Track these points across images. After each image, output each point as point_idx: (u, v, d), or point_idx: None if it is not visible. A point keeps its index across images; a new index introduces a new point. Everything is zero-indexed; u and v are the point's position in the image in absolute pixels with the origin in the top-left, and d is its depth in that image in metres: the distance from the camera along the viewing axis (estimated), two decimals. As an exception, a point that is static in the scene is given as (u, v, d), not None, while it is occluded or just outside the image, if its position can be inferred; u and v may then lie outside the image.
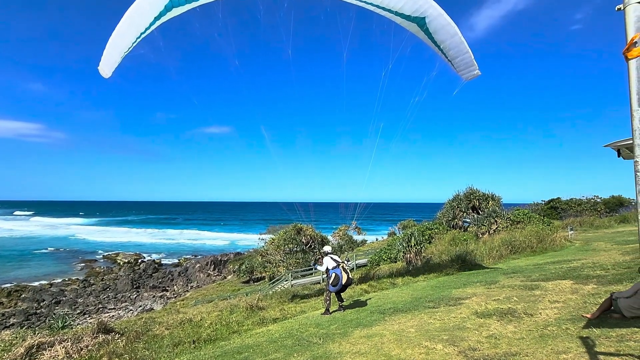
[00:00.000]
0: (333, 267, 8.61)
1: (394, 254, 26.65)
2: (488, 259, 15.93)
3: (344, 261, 8.91)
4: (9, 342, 6.70)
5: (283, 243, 38.23)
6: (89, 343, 6.78)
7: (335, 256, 8.91)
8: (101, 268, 54.49)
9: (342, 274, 8.48)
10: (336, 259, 8.79)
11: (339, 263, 8.69)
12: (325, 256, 8.95)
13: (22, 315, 33.18)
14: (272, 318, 9.09)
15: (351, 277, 8.77)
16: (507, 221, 21.24)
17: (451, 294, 8.99)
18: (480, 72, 8.89)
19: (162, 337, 7.66)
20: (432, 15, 7.77)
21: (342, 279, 8.46)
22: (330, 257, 8.84)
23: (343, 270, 8.54)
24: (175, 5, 6.74)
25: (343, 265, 8.66)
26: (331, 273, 8.56)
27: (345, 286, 8.69)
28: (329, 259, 8.79)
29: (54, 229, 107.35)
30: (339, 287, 8.56)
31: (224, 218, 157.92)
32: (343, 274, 8.50)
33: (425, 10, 7.67)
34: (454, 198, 26.34)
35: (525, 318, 6.16)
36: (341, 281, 8.45)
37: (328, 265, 8.69)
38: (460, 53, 8.54)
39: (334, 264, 8.68)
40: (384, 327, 6.79)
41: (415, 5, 7.56)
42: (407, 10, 7.68)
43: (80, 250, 70.30)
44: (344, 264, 8.70)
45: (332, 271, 8.55)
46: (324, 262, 8.86)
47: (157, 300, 38.59)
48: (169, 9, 6.74)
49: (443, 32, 8.13)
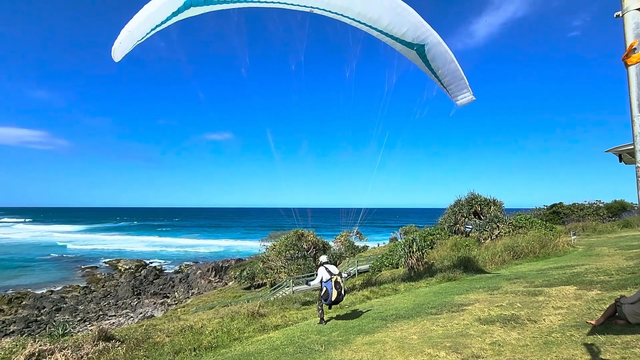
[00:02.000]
0: (326, 279, 7.97)
1: (395, 260, 26.52)
2: (490, 265, 15.85)
3: (339, 274, 8.15)
4: (9, 350, 6.66)
5: (284, 249, 38.12)
6: (89, 351, 6.73)
7: (332, 266, 8.26)
8: (102, 274, 54.37)
9: (332, 290, 7.81)
10: (331, 270, 8.11)
11: (332, 275, 7.99)
12: (320, 266, 8.35)
13: (22, 323, 33.04)
14: (274, 325, 9.03)
15: (342, 294, 8.02)
16: (509, 226, 21.14)
17: (454, 300, 8.92)
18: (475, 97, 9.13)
19: (163, 344, 7.60)
20: (432, 42, 8.01)
21: (332, 296, 7.81)
22: (325, 267, 8.18)
23: (334, 285, 7.85)
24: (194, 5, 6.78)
25: (336, 278, 7.95)
26: (323, 286, 8.00)
27: (335, 303, 8.06)
28: (323, 270, 8.16)
29: (54, 235, 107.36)
30: (329, 303, 8.02)
31: (225, 224, 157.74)
32: (334, 290, 7.82)
33: (425, 38, 7.89)
34: (455, 203, 26.27)
35: (528, 324, 6.11)
36: (330, 298, 7.84)
37: (322, 277, 8.07)
38: (456, 79, 8.79)
39: (328, 276, 8.01)
40: (386, 334, 6.74)
41: (417, 32, 7.77)
42: (408, 37, 7.87)
43: (81, 257, 70.19)
44: (337, 277, 7.98)
45: (325, 284, 7.97)
46: (318, 273, 8.26)
47: (158, 307, 38.40)
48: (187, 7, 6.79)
49: (441, 59, 8.38)
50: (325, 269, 8.12)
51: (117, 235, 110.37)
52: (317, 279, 8.18)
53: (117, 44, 6.92)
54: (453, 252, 19.84)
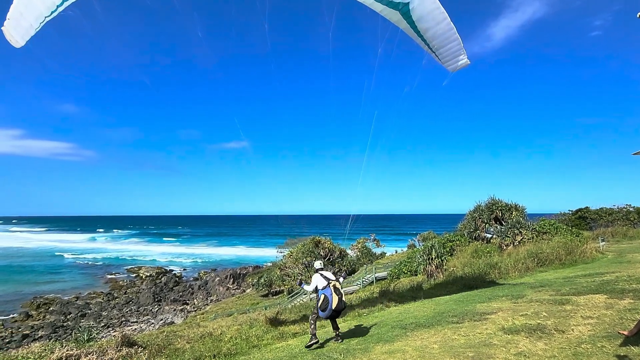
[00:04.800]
0: (323, 286, 7.06)
1: (414, 267, 26.07)
2: (513, 272, 15.35)
3: (338, 279, 7.35)
4: (38, 354, 6.92)
5: (301, 256, 38.14)
6: (113, 356, 6.90)
7: (328, 272, 7.40)
8: (124, 281, 55.77)
9: (332, 296, 6.90)
10: (328, 276, 7.25)
11: (330, 281, 7.09)
12: (314, 273, 7.47)
13: (50, 328, 34.20)
14: (292, 332, 9.02)
15: (344, 300, 7.15)
16: (532, 232, 20.46)
17: (475, 309, 8.68)
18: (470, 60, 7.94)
19: (184, 351, 7.71)
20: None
21: (332, 303, 6.85)
22: (320, 274, 7.30)
23: (334, 291, 6.96)
24: None
25: (335, 284, 7.10)
26: (320, 294, 7.04)
27: (337, 312, 7.07)
28: (318, 277, 7.26)
29: (79, 243, 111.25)
30: (329, 313, 6.94)
31: (242, 231, 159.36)
32: (334, 295, 6.91)
33: None
34: (475, 209, 25.67)
35: (556, 335, 5.87)
36: (330, 305, 6.85)
37: (317, 284, 7.18)
38: (447, 41, 7.61)
39: (324, 282, 7.09)
40: (406, 342, 6.61)
41: None
42: None
43: (104, 264, 72.39)
44: (336, 283, 7.15)
45: (322, 292, 7.03)
46: (312, 281, 7.34)
47: (178, 314, 38.99)
48: None
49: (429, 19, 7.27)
50: (320, 275, 7.28)
51: (138, 243, 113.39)
52: (311, 286, 7.30)
53: (10, 27, 5.82)
54: (474, 259, 19.35)
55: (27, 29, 5.94)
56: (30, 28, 5.93)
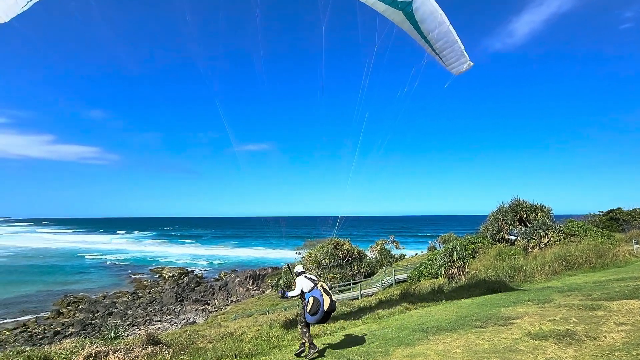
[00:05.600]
0: (310, 288, 6.56)
1: (435, 269, 25.61)
2: (540, 275, 14.82)
3: (323, 282, 6.84)
4: (69, 350, 7.22)
5: (320, 258, 38.17)
6: (139, 354, 7.12)
7: (311, 274, 6.96)
8: (148, 281, 57.45)
9: (322, 297, 6.31)
10: (312, 277, 6.82)
11: (316, 283, 6.63)
12: (297, 277, 6.90)
13: (79, 325, 35.63)
14: (312, 334, 9.02)
15: (334, 300, 6.55)
16: (559, 234, 19.68)
17: (500, 313, 8.43)
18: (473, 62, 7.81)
19: (206, 350, 7.86)
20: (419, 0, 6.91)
21: (324, 304, 6.26)
22: (304, 276, 6.79)
23: (324, 292, 6.40)
24: None
25: (322, 284, 6.60)
26: (307, 297, 6.46)
27: (328, 313, 6.45)
28: (302, 279, 6.73)
29: (104, 244, 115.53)
30: (320, 316, 6.31)
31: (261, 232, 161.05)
32: (324, 296, 6.32)
33: None
34: (498, 210, 24.95)
35: (587, 341, 5.62)
36: (322, 306, 6.25)
37: (303, 288, 6.65)
38: (449, 44, 7.53)
39: (311, 284, 6.60)
40: (428, 346, 6.49)
41: None
42: None
43: (129, 265, 74.87)
44: (322, 283, 6.65)
45: (309, 294, 6.47)
46: (296, 284, 6.76)
47: (200, 314, 39.78)
48: None
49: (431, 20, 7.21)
50: (304, 277, 6.78)
51: (160, 244, 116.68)
52: (297, 290, 6.71)
53: None
54: (497, 261, 18.81)
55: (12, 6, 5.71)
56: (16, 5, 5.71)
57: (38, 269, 66.76)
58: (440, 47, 7.65)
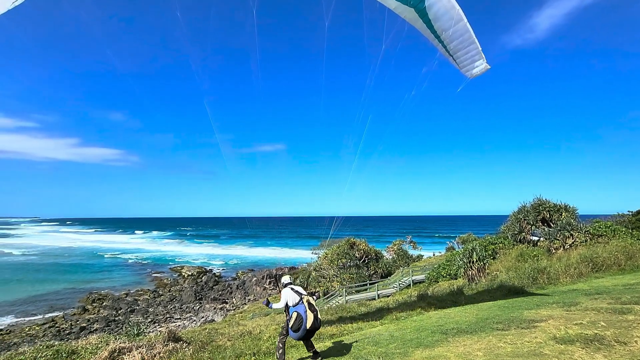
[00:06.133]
0: (295, 302, 6.24)
1: (453, 270, 25.15)
2: (564, 278, 14.30)
3: (310, 294, 6.52)
4: (95, 345, 7.49)
5: (336, 258, 38.13)
6: (160, 350, 7.29)
7: (299, 287, 6.58)
8: (168, 280, 58.77)
9: (306, 314, 6.01)
10: (299, 290, 6.48)
11: (302, 296, 6.30)
12: (283, 288, 6.60)
13: (103, 322, 36.83)
14: (329, 334, 9.02)
15: (320, 318, 6.21)
16: (585, 235, 18.94)
17: (523, 316, 8.19)
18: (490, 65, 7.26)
19: (225, 348, 7.98)
20: None
21: (307, 322, 5.96)
22: (290, 288, 6.47)
23: (309, 308, 6.10)
24: None
25: (309, 299, 6.27)
26: (291, 312, 6.18)
27: (311, 332, 6.17)
28: (288, 291, 6.41)
29: (125, 244, 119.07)
30: (302, 334, 6.03)
31: (277, 232, 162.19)
32: (308, 313, 6.03)
33: None
34: (519, 210, 24.23)
35: (616, 346, 5.39)
36: (305, 324, 5.95)
37: (288, 300, 6.34)
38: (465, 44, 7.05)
39: (297, 297, 6.27)
40: (448, 348, 6.38)
41: None
42: None
43: (150, 263, 76.86)
44: (309, 298, 6.32)
45: (293, 309, 6.17)
46: (282, 296, 6.47)
47: (218, 312, 40.42)
48: None
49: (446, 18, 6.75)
50: (290, 289, 6.44)
51: (178, 244, 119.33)
52: (281, 303, 6.44)
53: None
54: (519, 262, 18.28)
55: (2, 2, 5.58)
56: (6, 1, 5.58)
57: (63, 267, 69.48)
58: (454, 47, 7.21)
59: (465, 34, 6.98)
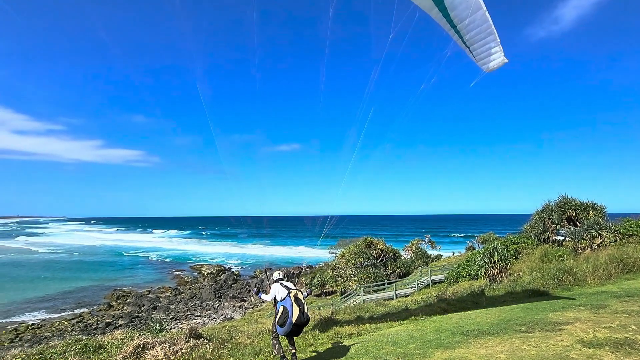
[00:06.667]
0: (282, 297, 6.11)
1: (474, 270, 24.64)
2: (592, 279, 13.75)
3: (300, 289, 6.32)
4: (121, 340, 7.75)
5: (353, 257, 38.01)
6: (182, 346, 7.47)
7: (289, 283, 6.46)
8: (188, 278, 60.12)
9: (292, 308, 5.85)
10: (289, 285, 6.32)
11: (290, 290, 6.14)
12: (273, 283, 6.56)
13: (127, 318, 38.04)
14: (347, 333, 9.01)
15: (307, 313, 5.99)
16: (615, 234, 18.14)
17: (547, 318, 7.93)
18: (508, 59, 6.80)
19: (244, 345, 8.09)
20: None
21: (292, 315, 5.79)
22: (280, 283, 6.39)
23: (295, 302, 5.92)
24: None
25: (296, 293, 6.07)
26: (278, 306, 6.09)
27: (299, 327, 6.00)
28: (277, 286, 6.34)
29: (146, 243, 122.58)
30: (288, 329, 5.87)
31: (293, 231, 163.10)
32: (294, 307, 5.85)
33: None
34: (543, 208, 23.43)
35: (650, 351, 5.14)
36: (290, 318, 5.80)
37: (277, 295, 6.25)
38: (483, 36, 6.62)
39: (284, 292, 6.14)
40: (469, 350, 6.25)
41: None
42: None
43: (171, 261, 78.88)
44: (297, 292, 6.11)
45: (280, 303, 6.06)
46: (270, 291, 6.42)
47: (237, 310, 41.04)
48: None
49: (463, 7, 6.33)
50: (280, 284, 6.36)
51: (197, 243, 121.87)
52: (269, 296, 6.42)
53: None
54: (543, 263, 17.72)
55: None
56: None
57: (88, 264, 72.23)
58: (471, 38, 6.80)
59: (483, 24, 6.58)
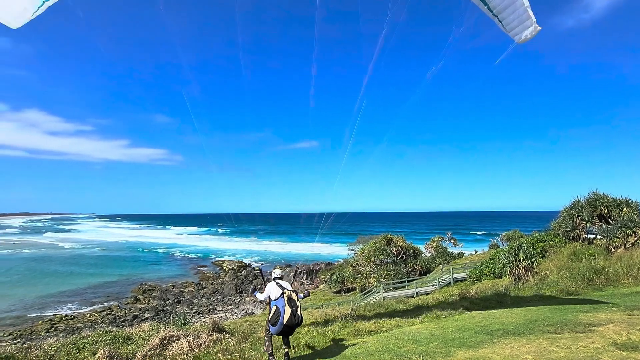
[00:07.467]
0: (276, 296, 6.11)
1: (498, 269, 24.00)
2: (626, 279, 13.12)
3: (295, 292, 6.30)
4: (147, 332, 8.05)
5: (373, 254, 37.81)
6: (206, 340, 7.67)
7: (285, 283, 6.49)
8: (211, 273, 61.57)
9: (284, 309, 5.86)
10: (284, 285, 6.32)
11: (285, 290, 6.12)
12: (269, 282, 6.56)
13: (153, 311, 39.42)
14: (367, 330, 8.97)
15: (300, 315, 6.02)
16: (650, 232, 17.18)
17: (577, 319, 7.63)
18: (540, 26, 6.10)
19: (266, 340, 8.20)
20: None
21: (284, 316, 5.81)
22: (276, 282, 6.40)
23: (287, 302, 5.93)
24: None
25: (290, 294, 6.08)
26: (272, 305, 6.10)
27: (290, 327, 6.01)
28: (272, 285, 6.34)
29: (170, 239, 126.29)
30: (280, 328, 5.89)
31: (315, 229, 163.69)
32: (286, 308, 5.87)
33: None
34: (572, 205, 22.45)
35: (691, 356, 4.85)
36: (281, 318, 5.82)
37: (271, 294, 6.25)
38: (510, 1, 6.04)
39: (279, 291, 6.14)
40: (493, 350, 6.10)
41: None
42: None
43: (194, 257, 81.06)
44: (292, 294, 6.12)
45: (274, 303, 6.07)
46: (265, 289, 6.45)
47: (257, 305, 41.67)
48: None
49: None
50: (275, 283, 6.37)
51: (218, 239, 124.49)
52: (264, 295, 6.43)
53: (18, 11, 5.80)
54: (572, 262, 17.03)
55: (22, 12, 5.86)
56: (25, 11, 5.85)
57: (114, 259, 75.23)
58: (496, 5, 6.18)
59: None
